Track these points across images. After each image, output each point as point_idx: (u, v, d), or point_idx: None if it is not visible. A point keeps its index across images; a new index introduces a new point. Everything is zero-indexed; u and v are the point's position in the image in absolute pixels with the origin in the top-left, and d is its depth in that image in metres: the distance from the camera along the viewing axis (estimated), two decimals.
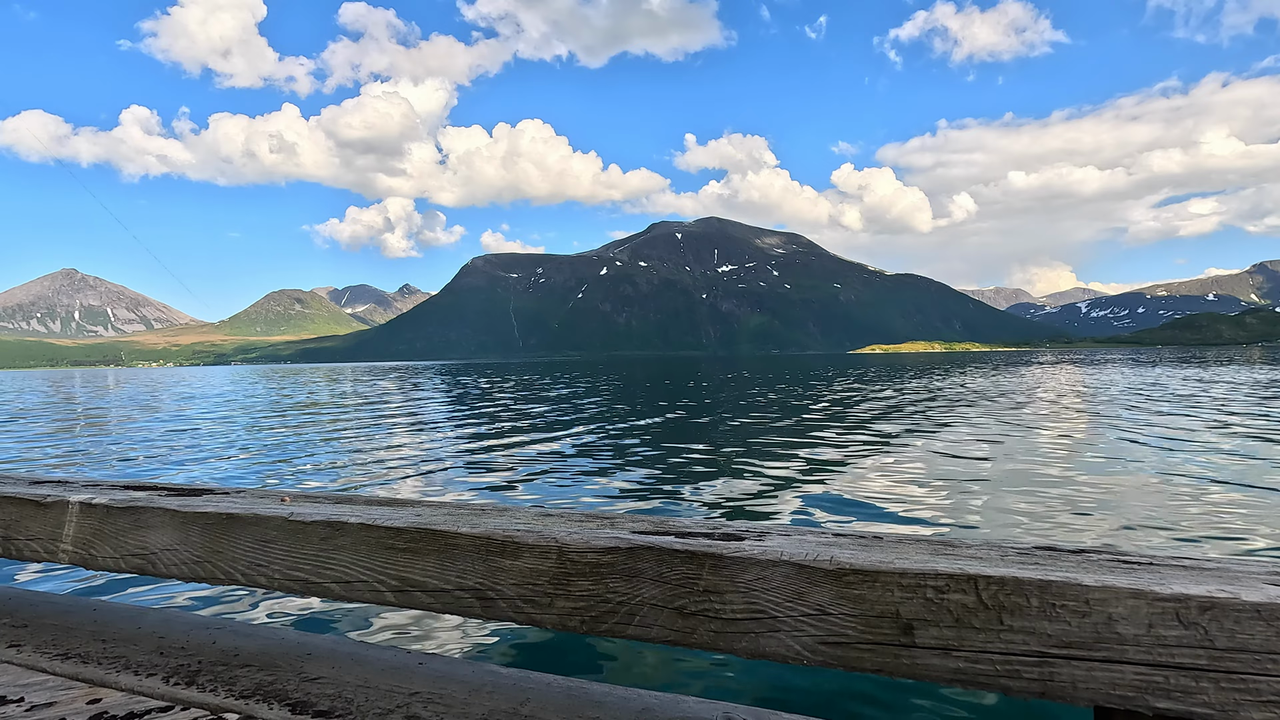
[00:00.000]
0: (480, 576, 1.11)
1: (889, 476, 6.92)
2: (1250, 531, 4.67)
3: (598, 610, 1.04)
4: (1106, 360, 62.25)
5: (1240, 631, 0.76)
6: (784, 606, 0.94)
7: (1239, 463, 7.27)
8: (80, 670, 1.39)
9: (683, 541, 1.03)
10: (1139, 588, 0.80)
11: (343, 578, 1.23)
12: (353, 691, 1.28)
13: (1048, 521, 5.02)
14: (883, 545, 1.03)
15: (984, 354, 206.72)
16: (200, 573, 1.37)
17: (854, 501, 5.82)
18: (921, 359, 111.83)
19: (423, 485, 7.01)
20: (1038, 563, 0.91)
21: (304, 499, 1.48)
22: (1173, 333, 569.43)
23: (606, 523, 1.18)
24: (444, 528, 1.16)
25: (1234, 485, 6.13)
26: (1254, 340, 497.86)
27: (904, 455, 8.32)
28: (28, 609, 1.75)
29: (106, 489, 1.63)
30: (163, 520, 1.41)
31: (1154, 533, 4.69)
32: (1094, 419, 12.08)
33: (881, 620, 0.89)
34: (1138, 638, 0.79)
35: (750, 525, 1.13)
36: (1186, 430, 10.11)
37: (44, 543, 1.56)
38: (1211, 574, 0.86)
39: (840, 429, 11.33)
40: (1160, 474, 6.77)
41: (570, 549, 1.06)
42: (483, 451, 9.45)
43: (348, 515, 1.27)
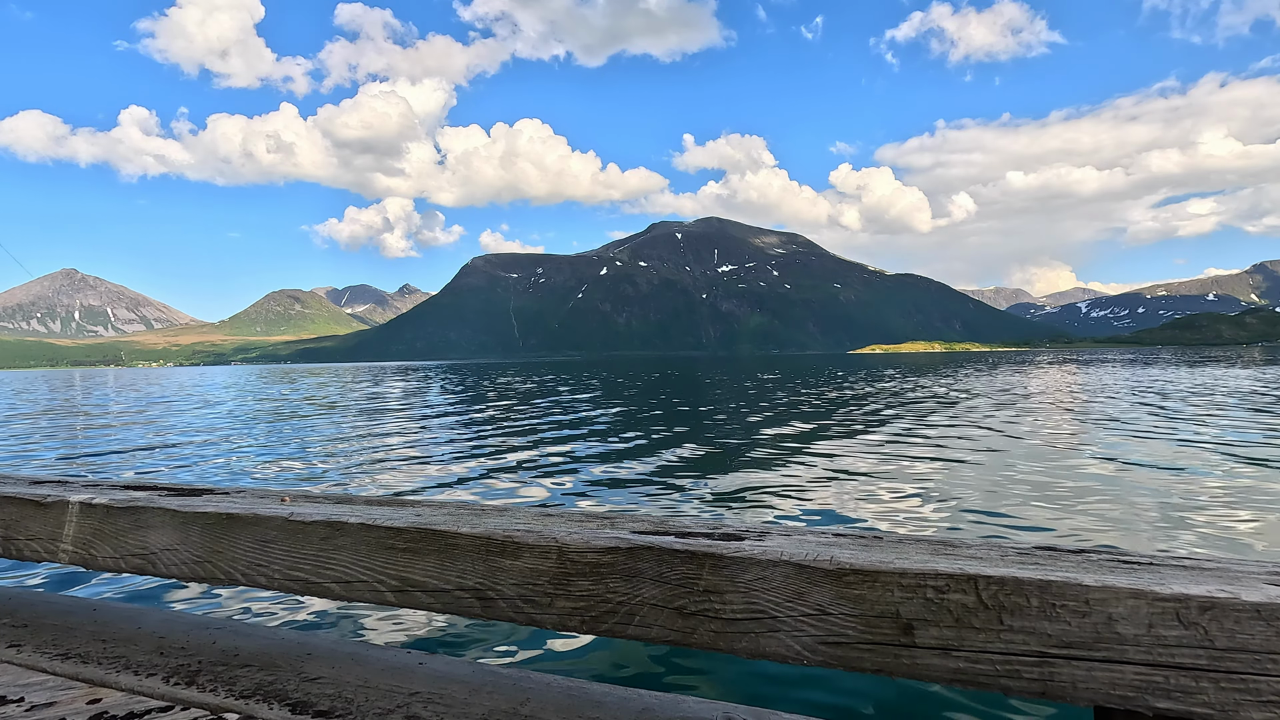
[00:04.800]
0: (480, 576, 1.12)
1: (889, 476, 6.92)
2: (1250, 531, 4.67)
3: (598, 610, 1.04)
4: (1107, 360, 62.28)
5: (1240, 631, 0.76)
6: (784, 606, 0.94)
7: (1240, 462, 7.27)
8: (80, 670, 1.39)
9: (683, 541, 1.03)
10: (1139, 588, 0.80)
11: (343, 578, 1.23)
12: (353, 691, 1.28)
13: (1048, 521, 5.02)
14: (883, 545, 1.03)
15: (984, 354, 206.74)
16: (200, 573, 1.37)
17: (854, 501, 5.82)
18: (921, 359, 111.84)
19: (423, 485, 7.01)
20: (1038, 563, 0.92)
21: (304, 499, 1.48)
22: (1173, 333, 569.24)
23: (606, 523, 1.18)
24: (444, 528, 1.16)
25: (1234, 485, 6.13)
26: (1254, 340, 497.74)
27: (904, 455, 8.32)
28: (28, 609, 1.75)
29: (106, 489, 1.63)
30: (163, 520, 1.42)
31: (1154, 533, 4.69)
32: (1094, 419, 12.09)
33: (881, 620, 0.89)
34: (1138, 638, 0.79)
35: (750, 525, 1.14)
36: (1186, 430, 10.11)
37: (44, 543, 1.56)
38: (1211, 574, 0.86)
39: (840, 429, 11.34)
40: (1160, 474, 6.77)
41: (570, 549, 1.06)
42: (482, 451, 9.45)
43: (348, 515, 1.27)
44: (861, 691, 2.53)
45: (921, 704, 2.46)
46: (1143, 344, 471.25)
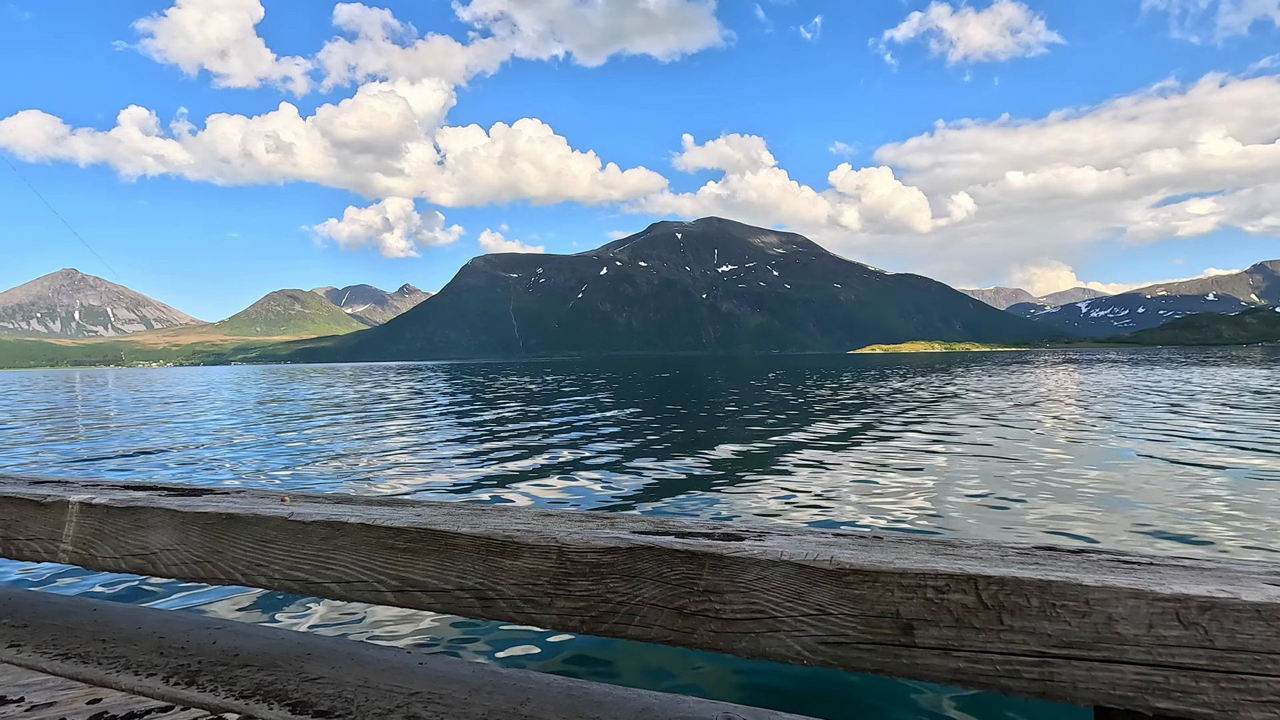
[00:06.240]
0: (480, 576, 1.12)
1: (889, 476, 6.92)
2: (1250, 531, 4.67)
3: (598, 610, 1.04)
4: (1107, 360, 62.26)
5: (1240, 631, 0.76)
6: (784, 606, 0.94)
7: (1239, 463, 7.26)
8: (80, 670, 1.39)
9: (683, 541, 1.03)
10: (1139, 588, 0.80)
11: (343, 578, 1.23)
12: (353, 691, 1.28)
13: (1048, 521, 5.02)
14: (883, 545, 1.03)
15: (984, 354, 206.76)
16: (200, 573, 1.37)
17: (854, 501, 5.82)
18: (921, 359, 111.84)
19: (423, 485, 7.01)
20: (1038, 563, 0.92)
21: (304, 499, 1.48)
22: (1173, 333, 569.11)
23: (606, 523, 1.18)
24: (444, 528, 1.16)
25: (1234, 485, 6.13)
26: (1254, 340, 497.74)
27: (904, 455, 8.31)
28: (28, 609, 1.75)
29: (106, 489, 1.63)
30: (163, 520, 1.42)
31: (1154, 533, 4.69)
32: (1094, 419, 12.08)
33: (881, 620, 0.89)
34: (1138, 638, 0.79)
35: (750, 525, 1.14)
36: (1186, 430, 10.11)
37: (44, 543, 1.56)
38: (1211, 574, 0.86)
39: (841, 429, 11.33)
40: (1160, 474, 6.77)
41: (570, 549, 1.06)
42: (483, 451, 9.45)
43: (348, 515, 1.27)
44: (861, 692, 2.53)
45: (921, 704, 2.46)
46: (1143, 344, 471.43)
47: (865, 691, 2.52)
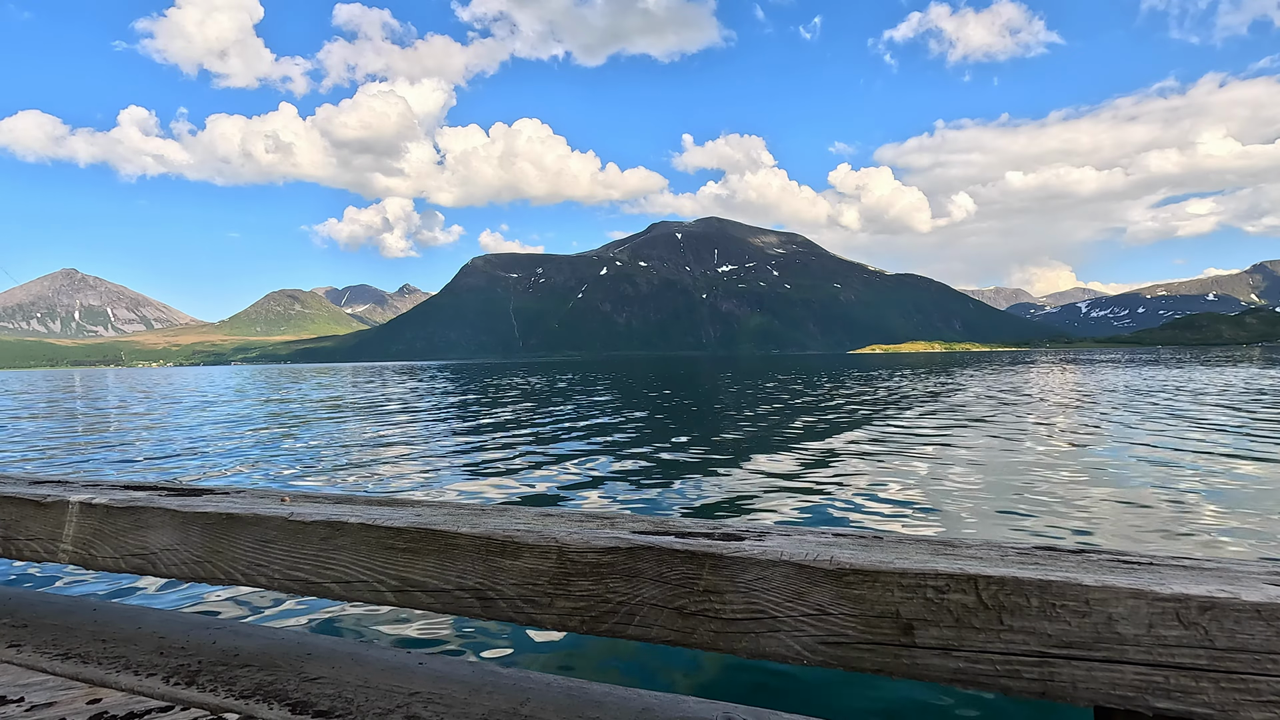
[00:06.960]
0: (480, 576, 1.11)
1: (889, 476, 6.92)
2: (1250, 531, 4.67)
3: (598, 610, 1.04)
4: (1107, 360, 62.24)
5: (1240, 631, 0.76)
6: (784, 606, 0.94)
7: (1239, 463, 7.26)
8: (80, 670, 1.39)
9: (683, 541, 1.03)
10: (1139, 588, 0.80)
11: (343, 578, 1.23)
12: (353, 691, 1.28)
13: (1048, 521, 5.02)
14: (883, 545, 1.03)
15: (984, 354, 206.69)
16: (200, 573, 1.37)
17: (854, 501, 5.82)
18: (922, 359, 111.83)
19: (423, 485, 7.01)
20: (1038, 563, 0.91)
21: (304, 499, 1.48)
22: (1173, 333, 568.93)
23: (606, 523, 1.18)
24: (444, 528, 1.16)
25: (1234, 485, 6.13)
26: (1254, 340, 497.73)
27: (905, 455, 8.31)
28: (28, 609, 1.75)
29: (106, 489, 1.63)
30: (163, 520, 1.41)
31: (1154, 533, 4.69)
32: (1094, 419, 12.08)
33: (881, 620, 0.89)
34: (1138, 638, 0.79)
35: (750, 525, 1.14)
36: (1186, 430, 10.11)
37: (44, 543, 1.56)
38: (1211, 574, 0.86)
39: (841, 429, 11.33)
40: (1160, 474, 6.77)
41: (570, 549, 1.06)
42: (483, 451, 9.45)
43: (348, 515, 1.27)
44: (861, 692, 2.53)
45: (921, 704, 2.45)
46: (1143, 344, 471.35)
47: (865, 692, 2.52)
